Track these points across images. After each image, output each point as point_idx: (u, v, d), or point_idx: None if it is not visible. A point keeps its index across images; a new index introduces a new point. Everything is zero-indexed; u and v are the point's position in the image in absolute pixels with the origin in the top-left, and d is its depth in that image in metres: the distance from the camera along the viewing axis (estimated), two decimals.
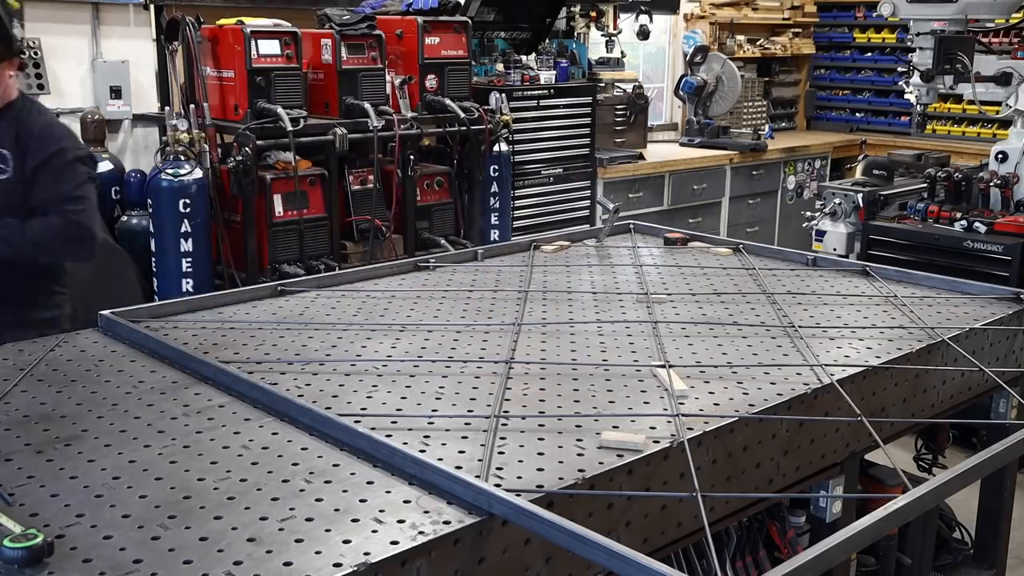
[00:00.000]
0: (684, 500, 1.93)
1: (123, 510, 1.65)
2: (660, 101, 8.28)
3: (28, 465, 1.83)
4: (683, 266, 3.41)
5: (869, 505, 1.90)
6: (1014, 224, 4.64)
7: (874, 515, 1.63)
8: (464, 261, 3.50)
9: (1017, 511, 3.20)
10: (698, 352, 2.51)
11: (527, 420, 2.05)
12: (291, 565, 1.48)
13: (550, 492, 1.73)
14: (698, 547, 2.33)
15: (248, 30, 4.54)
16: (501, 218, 5.45)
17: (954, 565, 3.26)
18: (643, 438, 1.93)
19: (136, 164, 5.17)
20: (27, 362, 2.40)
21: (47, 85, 4.92)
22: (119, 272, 4.62)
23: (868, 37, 8.64)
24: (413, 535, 1.57)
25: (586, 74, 6.71)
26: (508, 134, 5.38)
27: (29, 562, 1.45)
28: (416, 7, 5.40)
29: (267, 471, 1.81)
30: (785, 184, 7.69)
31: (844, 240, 5.18)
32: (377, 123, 4.64)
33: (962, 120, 7.91)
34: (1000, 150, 4.98)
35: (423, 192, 5.13)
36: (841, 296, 3.05)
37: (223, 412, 2.09)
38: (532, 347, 2.54)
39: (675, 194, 6.86)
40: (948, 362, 2.64)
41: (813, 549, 1.52)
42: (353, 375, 2.32)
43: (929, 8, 4.80)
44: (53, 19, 4.96)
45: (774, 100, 8.85)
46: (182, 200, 4.36)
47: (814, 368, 2.35)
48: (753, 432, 2.11)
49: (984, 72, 4.82)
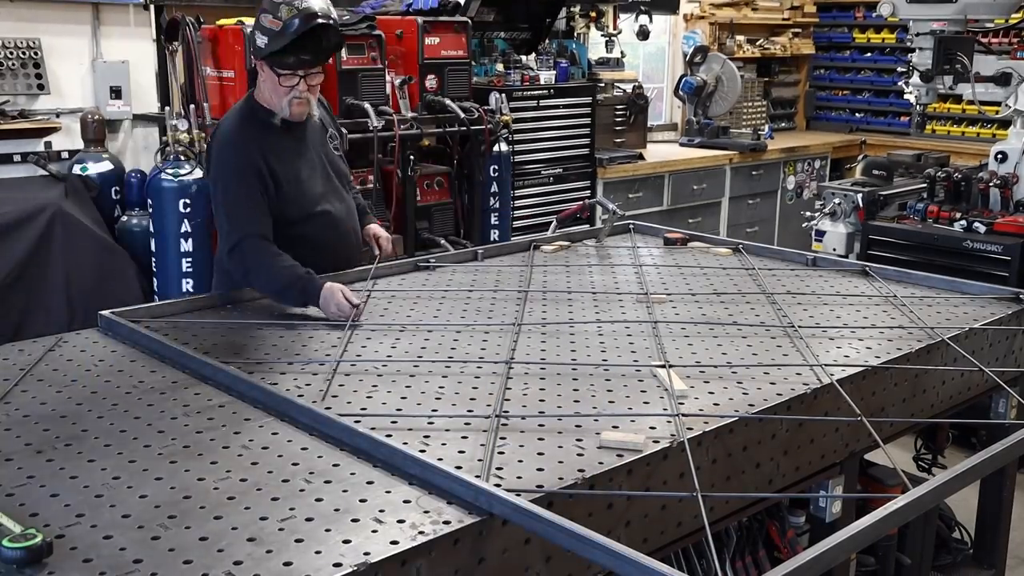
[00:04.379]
0: (684, 500, 1.93)
1: (123, 510, 1.65)
2: (660, 101, 8.27)
3: (28, 465, 1.83)
4: (683, 266, 3.41)
5: (869, 505, 1.90)
6: (1014, 224, 4.64)
7: (874, 515, 1.63)
8: (464, 261, 3.50)
9: (1017, 511, 3.21)
10: (698, 352, 2.51)
11: (527, 420, 2.05)
12: (291, 565, 1.49)
13: (550, 492, 1.73)
14: (698, 547, 2.33)
15: (248, 30, 4.53)
16: (501, 218, 5.44)
17: (954, 565, 3.26)
18: (643, 438, 1.93)
19: (136, 164, 5.16)
20: (27, 362, 2.40)
21: (47, 85, 4.92)
22: (119, 272, 4.62)
23: (868, 37, 8.63)
24: (413, 535, 1.57)
25: (586, 74, 6.70)
26: (508, 134, 5.37)
27: (29, 562, 1.45)
28: (416, 7, 5.40)
29: (267, 471, 1.81)
30: (785, 184, 7.68)
31: (844, 240, 5.17)
32: (377, 123, 4.64)
33: (962, 120, 7.90)
34: (999, 150, 4.98)
35: (423, 192, 5.12)
36: (841, 296, 3.05)
37: (223, 412, 2.10)
38: (532, 347, 2.54)
39: (675, 194, 6.85)
40: (948, 362, 2.64)
41: (813, 549, 1.52)
42: (353, 375, 2.32)
43: (929, 8, 4.80)
44: (53, 19, 4.96)
45: (774, 100, 8.84)
46: (182, 200, 4.36)
47: (814, 368, 2.36)
48: (753, 432, 2.11)
49: (984, 72, 4.82)
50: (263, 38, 2.92)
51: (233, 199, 2.95)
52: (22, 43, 4.84)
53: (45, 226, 4.44)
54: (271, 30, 2.89)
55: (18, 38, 4.83)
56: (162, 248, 4.44)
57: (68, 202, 4.57)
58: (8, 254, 4.36)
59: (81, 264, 4.50)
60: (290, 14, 2.87)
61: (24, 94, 4.86)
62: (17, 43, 4.82)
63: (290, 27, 2.86)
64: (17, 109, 4.82)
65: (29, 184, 4.73)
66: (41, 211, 4.45)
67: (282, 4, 2.87)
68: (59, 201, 4.53)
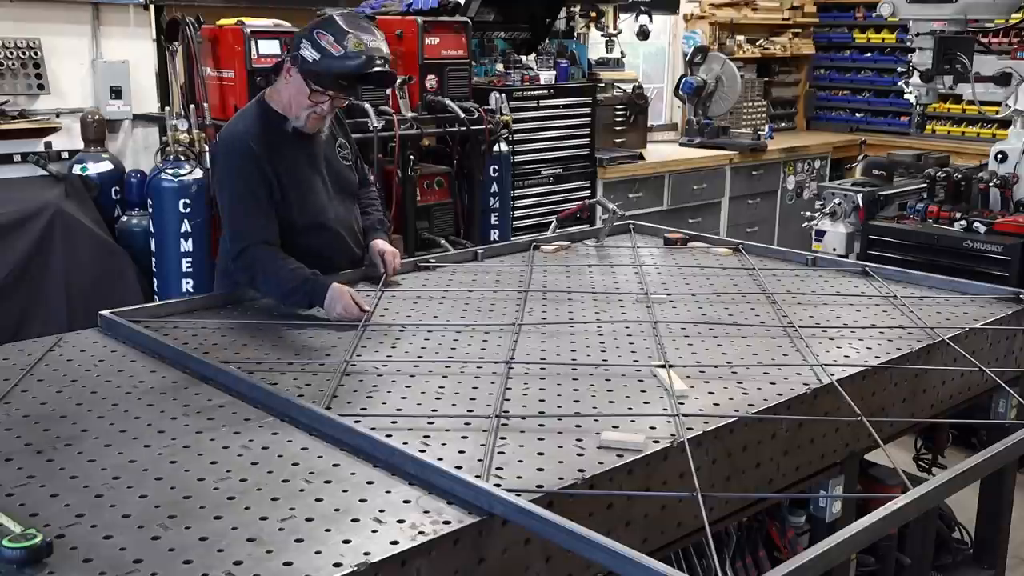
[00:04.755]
0: (684, 500, 1.93)
1: (123, 510, 1.65)
2: (660, 101, 8.27)
3: (28, 465, 1.83)
4: (683, 266, 3.41)
5: (869, 505, 1.90)
6: (1014, 224, 4.64)
7: (874, 515, 1.63)
8: (464, 261, 3.50)
9: (1017, 511, 3.20)
10: (698, 352, 2.51)
11: (527, 420, 2.05)
12: (291, 565, 1.48)
13: (550, 492, 1.73)
14: (698, 547, 2.33)
15: (248, 30, 4.54)
16: (501, 218, 5.45)
17: (954, 565, 3.26)
18: (643, 438, 1.93)
19: (136, 164, 5.16)
20: (27, 362, 2.40)
21: (47, 85, 4.92)
22: (119, 272, 4.62)
23: (868, 37, 8.63)
24: (413, 535, 1.57)
25: (586, 74, 6.70)
26: (508, 134, 5.37)
27: (29, 562, 1.45)
28: (416, 7, 5.40)
29: (267, 471, 1.81)
30: (785, 184, 7.67)
31: (844, 240, 5.17)
32: (377, 123, 4.64)
33: (962, 120, 7.90)
34: (1000, 150, 4.98)
35: (423, 192, 5.12)
36: (841, 296, 3.05)
37: (223, 412, 2.10)
38: (532, 347, 2.54)
39: (675, 194, 6.85)
40: (948, 362, 2.64)
41: (813, 549, 1.52)
42: (353, 375, 2.32)
43: (929, 8, 4.80)
44: (53, 19, 4.96)
45: (774, 100, 8.84)
46: (182, 200, 4.36)
47: (814, 368, 2.36)
48: (753, 432, 2.11)
49: (984, 72, 4.81)
50: (315, 54, 2.83)
51: (239, 204, 2.92)
52: (22, 43, 4.84)
53: (45, 226, 4.44)
54: (328, 52, 2.82)
55: (18, 38, 4.83)
56: (162, 248, 4.45)
57: (68, 202, 4.57)
58: (8, 254, 4.36)
59: (81, 264, 4.51)
60: (357, 47, 2.81)
61: (24, 94, 4.86)
62: (17, 43, 4.82)
63: (351, 61, 2.81)
64: (17, 109, 4.82)
65: (29, 184, 4.73)
66: (41, 211, 4.45)
67: (350, 34, 2.81)
68: (59, 201, 4.53)
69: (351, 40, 2.82)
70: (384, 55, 2.89)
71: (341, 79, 2.88)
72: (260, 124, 2.98)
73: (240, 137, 2.96)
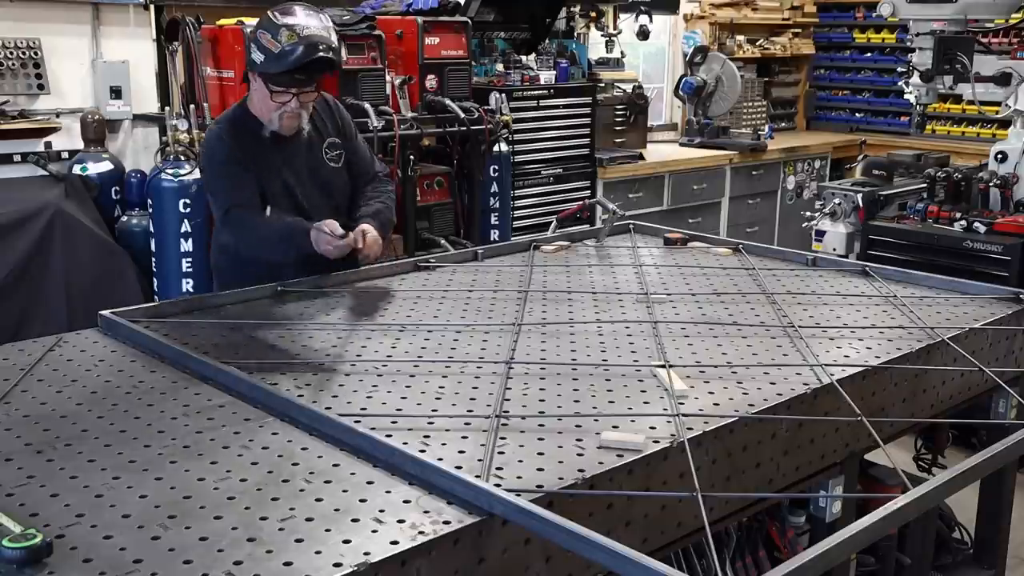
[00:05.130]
0: (684, 500, 1.93)
1: (123, 510, 1.65)
2: (660, 101, 8.27)
3: (28, 465, 1.83)
4: (683, 266, 3.41)
5: (869, 505, 1.90)
6: (1014, 224, 4.64)
7: (874, 515, 1.63)
8: (464, 261, 3.50)
9: (1017, 511, 3.20)
10: (698, 352, 2.51)
11: (527, 420, 2.05)
12: (291, 565, 1.48)
13: (550, 492, 1.73)
14: (698, 547, 2.33)
15: (248, 30, 4.53)
16: (501, 218, 5.45)
17: (954, 565, 3.26)
18: (643, 438, 1.93)
19: (136, 164, 5.17)
20: (27, 362, 2.40)
21: (47, 85, 4.92)
22: (119, 272, 4.62)
23: (868, 37, 8.63)
24: (413, 535, 1.57)
25: (586, 74, 6.70)
26: (508, 134, 5.37)
27: (29, 562, 1.45)
28: (416, 7, 5.40)
29: (267, 471, 1.81)
30: (785, 184, 7.67)
31: (844, 240, 5.17)
32: (377, 123, 4.63)
33: (962, 120, 7.90)
34: (1000, 150, 4.98)
35: (423, 192, 5.12)
36: (841, 296, 3.05)
37: (223, 412, 2.10)
38: (532, 347, 2.53)
39: (675, 194, 6.85)
40: (948, 362, 2.64)
41: (813, 549, 1.52)
42: (353, 375, 2.32)
43: (929, 8, 4.80)
44: (53, 19, 4.96)
45: (774, 100, 8.84)
46: (182, 200, 4.36)
47: (814, 368, 2.35)
48: (753, 432, 2.11)
49: (984, 72, 4.81)
50: (259, 55, 2.87)
51: (220, 178, 3.03)
52: (22, 43, 4.84)
53: (45, 226, 4.44)
54: (269, 50, 2.84)
55: (18, 38, 4.83)
56: (162, 248, 4.45)
57: (68, 202, 4.57)
58: (8, 254, 4.36)
59: (81, 264, 4.51)
60: (290, 40, 2.82)
61: (24, 94, 4.86)
62: (17, 43, 4.83)
63: (289, 54, 2.82)
64: (17, 109, 4.83)
65: (29, 184, 4.74)
66: (41, 211, 4.46)
67: (283, 28, 2.82)
68: (59, 201, 4.54)
69: (284, 34, 2.83)
70: (323, 39, 2.86)
71: (290, 74, 2.88)
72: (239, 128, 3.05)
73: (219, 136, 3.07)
